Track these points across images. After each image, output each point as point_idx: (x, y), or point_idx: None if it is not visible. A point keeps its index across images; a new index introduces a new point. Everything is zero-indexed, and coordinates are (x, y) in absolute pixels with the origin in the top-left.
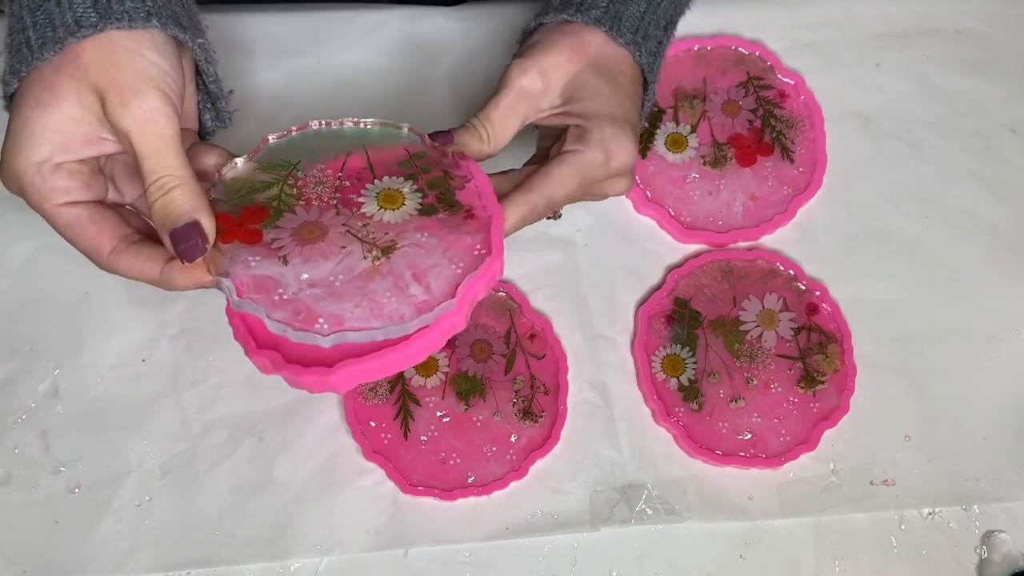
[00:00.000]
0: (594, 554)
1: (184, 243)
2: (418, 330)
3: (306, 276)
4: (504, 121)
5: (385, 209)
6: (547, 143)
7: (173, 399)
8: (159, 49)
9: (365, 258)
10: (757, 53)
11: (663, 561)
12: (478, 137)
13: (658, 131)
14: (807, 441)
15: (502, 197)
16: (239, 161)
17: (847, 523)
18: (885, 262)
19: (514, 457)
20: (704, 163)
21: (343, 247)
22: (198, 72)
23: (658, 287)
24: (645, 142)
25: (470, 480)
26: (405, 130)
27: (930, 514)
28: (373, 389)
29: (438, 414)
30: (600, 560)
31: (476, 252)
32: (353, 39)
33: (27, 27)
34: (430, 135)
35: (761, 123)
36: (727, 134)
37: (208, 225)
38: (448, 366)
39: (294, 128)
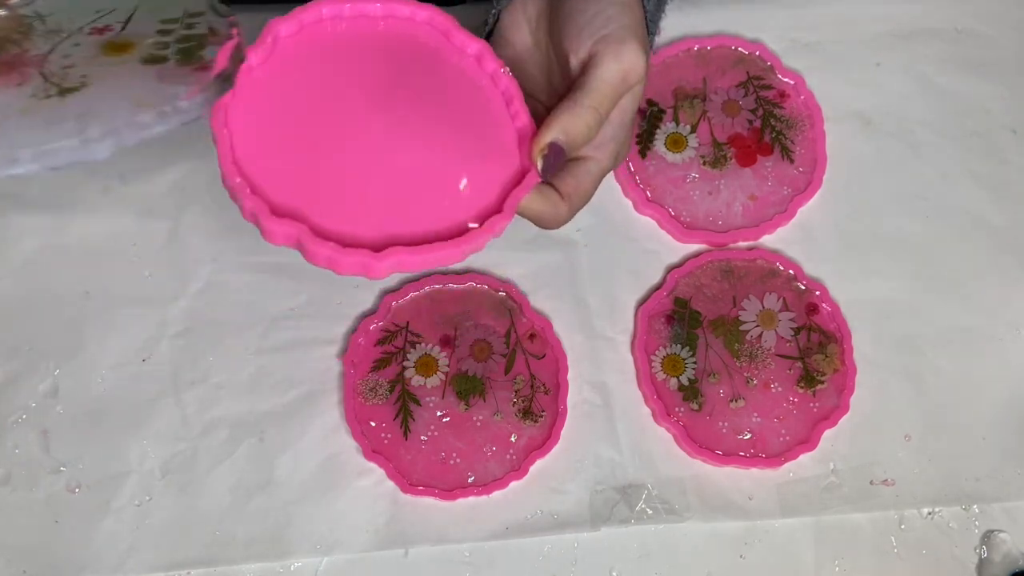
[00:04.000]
0: (594, 554)
1: None
2: (468, 230)
3: None
4: None
5: None
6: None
7: (173, 399)
8: None
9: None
10: (757, 53)
11: (663, 561)
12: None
13: (658, 131)
14: (807, 441)
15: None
16: None
17: (847, 523)
18: (885, 262)
19: (514, 457)
20: (704, 163)
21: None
22: None
23: (658, 287)
24: (645, 142)
25: (470, 480)
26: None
27: (930, 514)
28: (373, 389)
29: (438, 414)
30: (600, 560)
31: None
32: None
33: None
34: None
35: (761, 123)
36: (727, 134)
37: None
38: (448, 366)
39: None
